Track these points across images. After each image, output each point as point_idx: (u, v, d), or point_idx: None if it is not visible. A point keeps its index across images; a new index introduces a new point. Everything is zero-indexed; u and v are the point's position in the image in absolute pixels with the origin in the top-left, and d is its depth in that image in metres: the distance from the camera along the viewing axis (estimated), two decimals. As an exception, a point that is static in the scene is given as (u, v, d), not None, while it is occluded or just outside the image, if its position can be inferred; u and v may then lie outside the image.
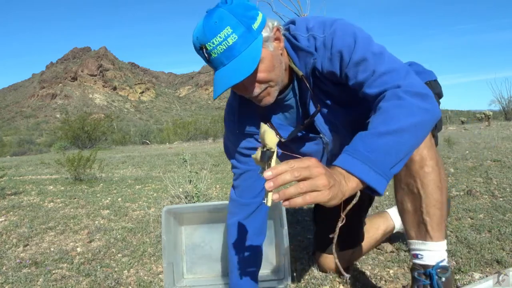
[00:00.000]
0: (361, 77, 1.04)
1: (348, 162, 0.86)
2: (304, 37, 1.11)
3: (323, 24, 1.10)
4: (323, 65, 1.10)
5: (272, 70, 1.06)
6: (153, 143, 17.10)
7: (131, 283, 1.76)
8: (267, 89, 1.08)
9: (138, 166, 6.56)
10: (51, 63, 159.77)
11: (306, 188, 0.74)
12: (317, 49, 1.09)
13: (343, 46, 1.05)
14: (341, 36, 1.06)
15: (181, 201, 3.00)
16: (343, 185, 0.81)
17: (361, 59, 1.03)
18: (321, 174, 0.75)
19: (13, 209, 3.31)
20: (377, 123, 0.92)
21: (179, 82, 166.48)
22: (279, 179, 0.72)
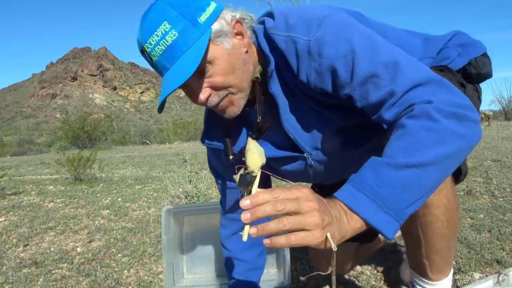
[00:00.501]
0: (373, 98, 0.79)
1: (351, 197, 0.67)
2: (281, 37, 0.85)
3: (308, 22, 0.84)
4: (309, 78, 0.84)
5: (230, 73, 0.84)
6: (153, 143, 17.10)
7: (131, 283, 1.76)
8: (228, 96, 0.86)
9: (138, 166, 6.56)
10: (51, 63, 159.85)
11: (290, 226, 0.58)
12: (298, 56, 0.83)
13: (336, 57, 0.79)
14: (332, 43, 0.80)
15: (181, 201, 3.00)
16: (343, 224, 0.65)
17: (369, 75, 0.78)
18: (313, 210, 0.60)
19: (13, 209, 3.31)
20: (397, 148, 0.71)
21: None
22: (257, 211, 0.58)
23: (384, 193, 0.66)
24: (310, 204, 0.60)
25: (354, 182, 0.69)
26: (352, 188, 0.68)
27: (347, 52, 0.79)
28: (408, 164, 0.68)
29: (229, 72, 0.84)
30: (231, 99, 0.87)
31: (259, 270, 1.33)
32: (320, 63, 0.81)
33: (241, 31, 0.87)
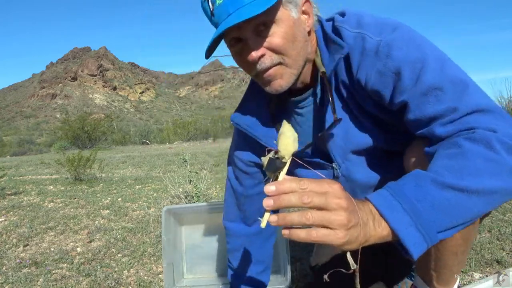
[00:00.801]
0: (430, 110, 0.75)
1: (386, 203, 0.63)
2: (350, 33, 0.84)
3: (381, 25, 0.83)
4: (368, 77, 0.82)
5: (291, 41, 0.81)
6: (153, 143, 17.10)
7: (131, 283, 1.76)
8: (280, 66, 0.82)
9: (138, 166, 6.56)
10: (51, 63, 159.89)
11: (314, 221, 0.55)
12: (364, 53, 0.81)
13: (404, 61, 0.77)
14: (403, 47, 0.78)
15: (181, 201, 3.00)
16: (369, 228, 0.60)
17: (433, 86, 0.75)
18: (340, 208, 0.56)
19: (13, 209, 3.31)
20: (446, 167, 0.66)
21: (179, 82, 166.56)
22: (282, 199, 0.55)
23: (421, 209, 0.62)
24: (339, 201, 0.56)
25: (391, 189, 0.65)
26: (388, 195, 0.64)
27: (417, 59, 0.77)
28: (455, 187, 0.63)
29: (290, 40, 0.81)
30: (282, 71, 0.83)
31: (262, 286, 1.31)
32: (386, 64, 0.79)
33: (309, 11, 0.86)
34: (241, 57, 0.84)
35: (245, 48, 0.82)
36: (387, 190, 0.65)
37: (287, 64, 0.83)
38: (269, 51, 0.81)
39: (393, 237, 0.62)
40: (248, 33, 0.80)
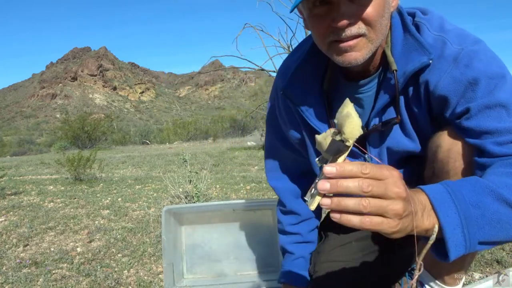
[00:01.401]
0: (489, 124, 0.75)
1: (441, 199, 0.62)
2: (431, 34, 0.82)
3: (463, 35, 0.82)
4: (440, 82, 0.80)
5: (381, 15, 0.77)
6: (153, 143, 17.11)
7: (131, 283, 1.76)
8: (363, 38, 0.78)
9: (138, 166, 6.56)
10: (51, 63, 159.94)
11: (371, 210, 0.53)
12: (441, 57, 0.80)
13: (483, 74, 0.76)
14: (485, 61, 0.78)
15: (181, 201, 3.01)
16: (418, 218, 0.60)
17: (501, 103, 0.75)
18: (398, 197, 0.54)
19: (13, 209, 3.31)
20: (505, 183, 0.67)
21: (179, 82, 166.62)
22: (340, 185, 0.52)
23: (473, 215, 0.62)
24: (398, 191, 0.54)
25: (449, 187, 0.64)
26: (445, 192, 0.63)
27: (496, 75, 0.77)
28: (510, 203, 0.64)
29: (380, 14, 0.77)
30: (363, 44, 0.78)
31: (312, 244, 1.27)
32: (463, 72, 0.78)
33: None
34: (323, 21, 0.78)
35: (331, 12, 0.76)
36: (444, 187, 0.64)
37: (370, 38, 0.78)
38: (358, 19, 0.76)
39: (438, 233, 0.62)
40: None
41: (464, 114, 0.79)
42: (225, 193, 3.63)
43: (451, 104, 0.81)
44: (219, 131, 19.23)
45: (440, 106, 0.83)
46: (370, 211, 0.53)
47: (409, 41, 0.84)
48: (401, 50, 0.84)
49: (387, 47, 0.86)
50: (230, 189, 3.82)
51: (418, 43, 0.82)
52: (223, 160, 6.49)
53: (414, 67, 0.82)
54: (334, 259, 1.19)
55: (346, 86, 0.93)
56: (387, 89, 0.87)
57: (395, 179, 0.55)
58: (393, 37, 0.86)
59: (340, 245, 1.21)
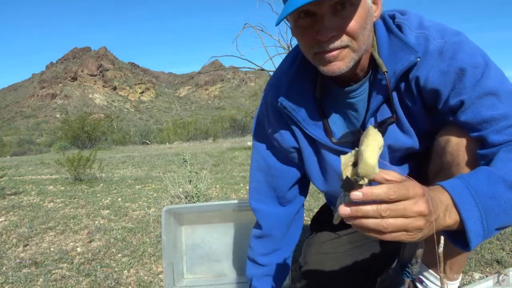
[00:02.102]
0: (484, 114, 0.79)
1: (462, 195, 0.66)
2: (412, 33, 0.86)
3: (443, 29, 0.86)
4: (429, 77, 0.84)
5: (363, 27, 0.80)
6: (153, 143, 17.11)
7: (131, 283, 1.76)
8: (346, 49, 0.81)
9: (138, 166, 6.56)
10: (51, 63, 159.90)
11: (392, 230, 0.57)
12: (427, 53, 0.84)
13: (469, 64, 0.80)
14: (468, 52, 0.82)
15: (181, 201, 3.01)
16: (440, 220, 0.63)
17: (491, 91, 0.79)
18: (419, 215, 0.57)
19: (13, 209, 3.31)
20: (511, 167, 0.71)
21: (179, 82, 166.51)
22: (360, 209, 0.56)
23: (490, 207, 0.66)
24: (419, 210, 0.57)
25: (467, 182, 0.68)
26: (464, 187, 0.67)
27: (481, 64, 0.80)
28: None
29: (362, 26, 0.80)
30: (346, 54, 0.81)
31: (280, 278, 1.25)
32: (450, 64, 0.82)
33: (379, 2, 0.86)
34: (307, 33, 0.81)
35: (316, 24, 0.79)
36: (462, 182, 0.68)
37: (353, 49, 0.81)
38: (341, 33, 0.79)
39: (458, 226, 0.66)
40: (325, 9, 0.77)
41: (459, 107, 0.83)
42: (225, 193, 3.63)
43: (442, 96, 0.84)
44: (219, 131, 19.23)
45: (432, 99, 0.87)
46: (391, 231, 0.57)
47: (394, 42, 0.87)
48: (388, 51, 0.87)
49: (374, 50, 0.89)
50: (230, 189, 3.82)
51: (403, 43, 0.85)
52: (223, 160, 6.50)
53: (403, 66, 0.85)
54: (324, 251, 1.22)
55: (338, 92, 0.95)
56: (379, 90, 0.90)
57: (417, 198, 0.57)
58: (378, 40, 0.89)
59: (331, 239, 1.24)
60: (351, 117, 0.98)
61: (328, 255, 1.21)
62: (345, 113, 0.98)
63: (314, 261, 1.23)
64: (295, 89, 0.99)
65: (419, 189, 0.59)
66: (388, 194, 0.55)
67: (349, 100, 0.95)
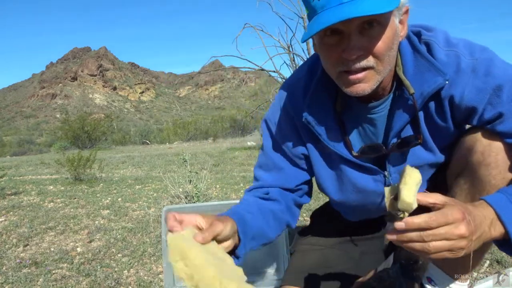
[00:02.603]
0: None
1: (506, 209, 0.71)
2: (442, 50, 0.85)
3: (471, 45, 0.86)
4: (464, 94, 0.83)
5: (390, 47, 0.79)
6: (153, 143, 17.11)
7: (131, 283, 1.76)
8: (371, 71, 0.79)
9: (138, 166, 6.56)
10: (51, 63, 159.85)
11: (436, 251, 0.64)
12: (459, 71, 0.83)
13: (505, 79, 0.81)
14: (502, 67, 0.82)
15: (181, 201, 3.00)
16: (485, 234, 0.69)
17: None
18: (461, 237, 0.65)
19: (13, 209, 3.31)
20: None
21: (179, 82, 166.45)
22: (404, 236, 0.65)
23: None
24: (460, 233, 0.64)
25: (510, 195, 0.73)
26: (508, 201, 0.72)
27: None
28: None
29: (389, 47, 0.79)
30: (371, 76, 0.80)
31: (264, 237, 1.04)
32: (486, 81, 0.82)
33: (405, 21, 0.84)
34: (333, 51, 0.79)
35: (342, 43, 0.77)
36: (506, 196, 0.73)
37: (378, 70, 0.80)
38: (368, 53, 0.78)
39: (504, 236, 0.71)
40: (352, 28, 0.75)
41: (496, 119, 0.83)
42: (225, 193, 3.63)
43: (478, 111, 0.84)
44: (219, 131, 19.22)
45: (466, 116, 0.87)
46: (436, 252, 0.64)
47: (420, 62, 0.86)
48: (413, 71, 0.86)
49: (399, 69, 0.88)
50: (230, 189, 3.82)
51: (430, 63, 0.84)
52: (223, 160, 6.50)
53: (430, 88, 0.84)
54: (314, 243, 1.25)
55: (359, 107, 0.94)
56: (404, 109, 0.89)
57: (457, 222, 0.63)
58: (403, 59, 0.88)
59: (322, 232, 1.26)
60: (368, 132, 0.98)
61: (315, 246, 1.24)
62: (363, 127, 0.98)
63: (302, 249, 1.26)
64: (316, 103, 0.97)
65: (458, 214, 0.64)
66: (428, 223, 0.62)
67: (369, 116, 0.94)
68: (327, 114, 0.97)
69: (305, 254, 1.24)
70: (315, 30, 0.74)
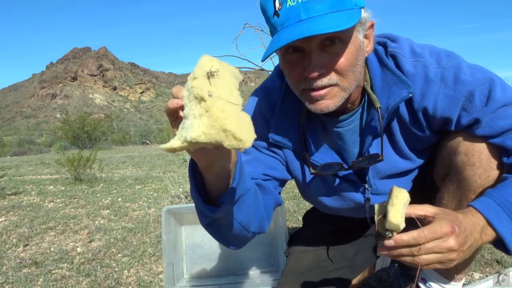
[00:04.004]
0: (500, 125, 0.80)
1: (495, 214, 0.72)
2: (408, 62, 0.85)
3: (435, 53, 0.85)
4: (437, 105, 0.83)
5: (353, 64, 0.78)
6: (153, 143, 17.10)
7: (131, 283, 1.77)
8: (335, 87, 0.78)
9: (138, 166, 6.56)
10: (51, 63, 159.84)
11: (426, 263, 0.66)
12: (429, 81, 0.83)
13: (474, 84, 0.80)
14: (469, 72, 0.82)
15: (181, 201, 3.01)
16: (477, 241, 0.70)
17: (502, 103, 0.80)
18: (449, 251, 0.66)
19: (13, 209, 3.31)
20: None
21: (179, 82, 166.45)
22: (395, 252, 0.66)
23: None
24: (448, 246, 0.65)
25: (496, 198, 0.73)
26: (495, 205, 0.72)
27: (484, 80, 0.81)
28: None
29: (352, 63, 0.77)
30: (335, 93, 0.78)
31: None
32: (456, 89, 0.81)
33: (370, 36, 0.83)
34: (295, 69, 0.78)
35: (304, 60, 0.76)
36: (492, 200, 0.73)
37: (343, 87, 0.79)
38: (330, 70, 0.76)
39: (496, 240, 0.72)
40: (313, 46, 0.74)
41: (474, 124, 0.83)
42: (225, 193, 3.63)
43: (453, 119, 0.84)
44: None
45: (442, 124, 0.87)
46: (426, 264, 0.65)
47: (387, 76, 0.85)
48: (381, 86, 0.86)
49: (367, 84, 0.87)
50: (230, 189, 3.82)
51: (397, 77, 0.84)
52: (223, 160, 6.50)
53: (395, 101, 0.84)
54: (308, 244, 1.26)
55: (325, 121, 0.94)
56: (374, 123, 0.88)
57: (445, 236, 0.64)
58: (371, 74, 0.87)
59: (316, 233, 1.27)
60: (338, 145, 0.96)
61: (309, 247, 1.25)
62: (332, 140, 0.96)
63: (296, 251, 1.27)
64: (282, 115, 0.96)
65: (447, 227, 0.65)
66: (416, 240, 0.63)
67: (336, 129, 0.93)
68: (292, 125, 0.95)
69: (300, 255, 1.24)
70: (274, 48, 0.73)
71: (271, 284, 1.61)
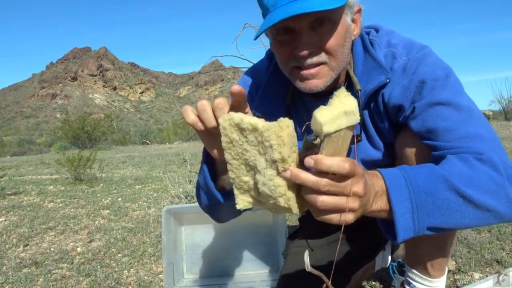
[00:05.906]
0: (431, 124, 0.80)
1: (397, 184, 0.65)
2: (381, 51, 0.89)
3: (409, 45, 0.88)
4: (392, 93, 0.86)
5: (341, 44, 0.81)
6: (153, 143, 17.10)
7: (131, 283, 1.77)
8: (324, 66, 0.81)
9: (138, 166, 6.56)
10: (51, 63, 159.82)
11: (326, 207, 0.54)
12: (392, 71, 0.86)
13: (428, 77, 0.82)
14: (430, 65, 0.83)
15: (181, 201, 3.00)
16: (368, 206, 0.62)
17: (442, 102, 0.80)
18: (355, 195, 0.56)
19: (13, 209, 3.31)
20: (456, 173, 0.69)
21: (179, 82, 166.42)
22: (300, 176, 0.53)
23: (424, 203, 0.65)
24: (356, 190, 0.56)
25: (406, 173, 0.67)
26: (402, 177, 0.66)
27: (441, 77, 0.82)
28: (460, 192, 0.67)
29: (341, 44, 0.80)
30: (324, 71, 0.81)
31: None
32: (411, 79, 0.83)
33: (357, 21, 0.87)
34: (285, 47, 0.81)
35: (294, 40, 0.79)
36: (401, 172, 0.67)
37: (332, 67, 0.82)
38: (320, 49, 0.79)
39: (387, 215, 0.65)
40: (303, 25, 0.77)
41: (411, 113, 0.85)
42: (225, 193, 3.63)
43: (404, 110, 0.86)
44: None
45: (396, 114, 0.89)
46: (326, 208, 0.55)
47: (368, 61, 0.89)
48: (362, 70, 0.90)
49: (350, 67, 0.91)
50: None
51: (377, 63, 0.88)
52: (223, 160, 6.50)
53: (373, 86, 0.87)
54: (304, 245, 1.27)
55: (310, 102, 0.97)
56: None
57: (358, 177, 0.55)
58: (355, 58, 0.91)
59: (312, 234, 1.28)
60: None
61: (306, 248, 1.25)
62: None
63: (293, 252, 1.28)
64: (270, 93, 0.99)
65: (361, 170, 0.57)
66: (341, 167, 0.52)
67: None
68: (277, 106, 0.98)
69: (297, 257, 1.25)
70: (266, 25, 0.75)
71: (270, 284, 1.61)
